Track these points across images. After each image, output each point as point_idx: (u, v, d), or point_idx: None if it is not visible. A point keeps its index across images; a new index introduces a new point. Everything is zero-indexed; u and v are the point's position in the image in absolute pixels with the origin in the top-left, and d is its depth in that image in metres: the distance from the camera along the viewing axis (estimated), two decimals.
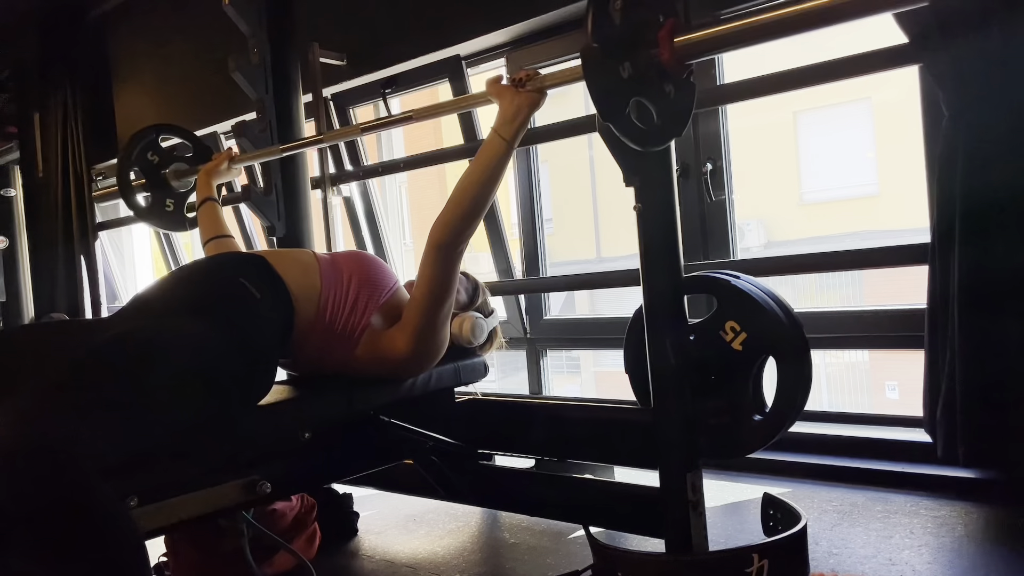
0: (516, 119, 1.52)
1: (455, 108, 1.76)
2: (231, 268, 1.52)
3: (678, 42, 1.30)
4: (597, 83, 1.24)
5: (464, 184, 1.56)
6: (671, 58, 1.31)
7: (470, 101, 1.80)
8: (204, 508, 1.35)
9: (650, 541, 1.65)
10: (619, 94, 1.27)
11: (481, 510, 2.15)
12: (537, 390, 3.04)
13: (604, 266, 7.48)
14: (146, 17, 4.11)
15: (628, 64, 1.27)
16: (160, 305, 1.42)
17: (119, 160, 2.55)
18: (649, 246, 1.40)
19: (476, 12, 2.73)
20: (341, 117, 3.41)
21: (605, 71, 1.25)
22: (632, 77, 1.28)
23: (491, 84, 1.58)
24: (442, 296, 1.59)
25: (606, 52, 1.25)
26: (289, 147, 2.26)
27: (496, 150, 1.53)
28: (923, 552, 1.64)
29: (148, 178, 2.55)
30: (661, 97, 1.34)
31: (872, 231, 7.15)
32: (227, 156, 2.30)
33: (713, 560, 1.38)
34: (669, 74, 1.34)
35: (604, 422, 1.70)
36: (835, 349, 5.80)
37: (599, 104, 1.24)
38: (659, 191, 1.40)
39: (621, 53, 1.27)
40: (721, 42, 1.32)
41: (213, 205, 2.23)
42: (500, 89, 1.55)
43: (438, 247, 1.56)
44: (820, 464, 2.13)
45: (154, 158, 2.55)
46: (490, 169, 1.54)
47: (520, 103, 1.51)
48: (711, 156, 2.43)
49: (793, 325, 1.43)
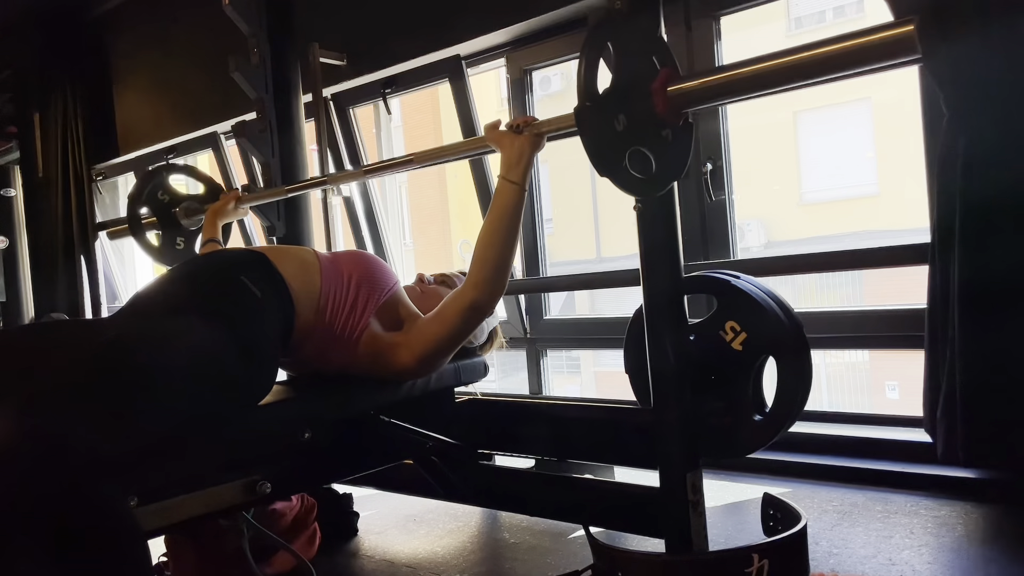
0: (521, 162, 1.52)
1: (456, 153, 1.77)
2: (231, 266, 1.51)
3: (672, 92, 1.29)
4: (592, 140, 1.23)
5: (486, 239, 1.54)
6: (666, 109, 1.30)
7: (470, 146, 1.76)
8: (204, 508, 1.35)
9: (650, 541, 1.65)
10: (615, 148, 1.26)
11: (481, 510, 2.15)
12: (537, 390, 3.04)
13: (604, 266, 7.47)
14: (146, 17, 4.11)
15: (623, 116, 1.26)
16: (160, 304, 1.42)
17: (129, 200, 2.56)
18: (649, 246, 1.40)
19: (476, 12, 2.73)
20: (341, 117, 3.41)
21: (599, 127, 1.24)
22: (627, 128, 1.27)
23: (490, 131, 1.58)
24: (459, 342, 1.60)
25: (599, 108, 1.24)
26: (295, 187, 2.30)
27: (509, 196, 1.52)
28: (923, 552, 1.64)
29: (158, 217, 2.55)
30: (658, 144, 1.32)
31: (872, 231, 7.15)
32: (234, 196, 2.31)
33: (713, 560, 1.38)
34: (666, 122, 1.32)
35: (604, 422, 1.70)
36: (835, 349, 5.79)
37: (595, 160, 1.23)
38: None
39: (615, 107, 1.26)
40: (717, 92, 1.31)
41: (215, 246, 2.25)
42: (499, 136, 1.55)
43: (474, 308, 1.55)
44: (820, 464, 2.13)
45: (164, 197, 2.55)
46: (508, 217, 1.53)
47: (522, 146, 1.51)
48: (711, 156, 2.43)
49: (793, 325, 1.43)
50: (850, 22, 8.41)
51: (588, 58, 1.23)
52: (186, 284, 1.47)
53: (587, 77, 1.23)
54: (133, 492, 1.22)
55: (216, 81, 3.19)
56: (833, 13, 8.61)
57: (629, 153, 1.28)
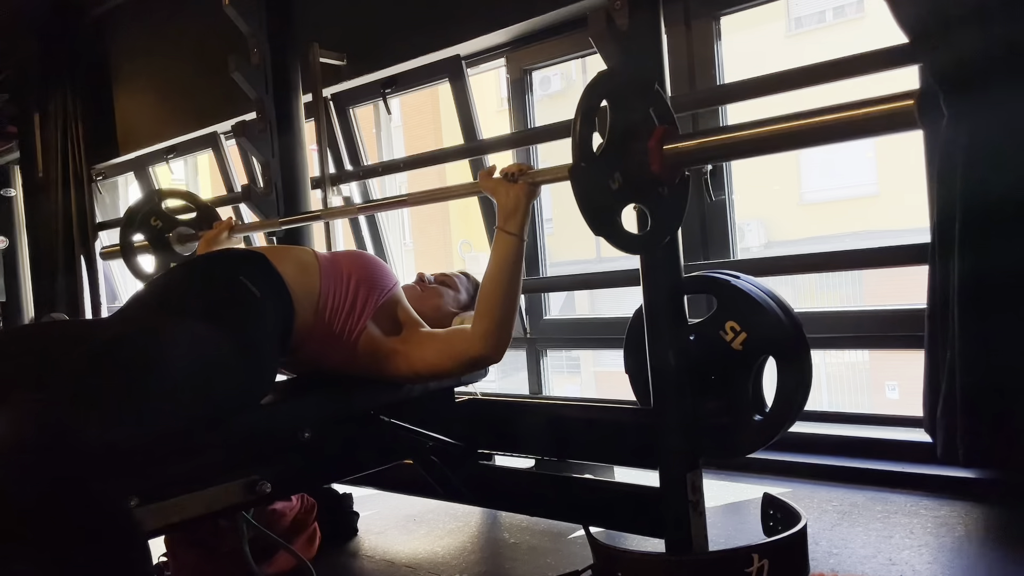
0: (517, 212, 1.51)
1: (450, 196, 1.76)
2: (231, 266, 1.51)
3: (668, 151, 1.28)
4: (586, 200, 1.22)
5: (488, 290, 1.53)
6: (662, 168, 1.29)
7: (464, 190, 1.74)
8: (204, 508, 1.35)
9: (650, 541, 1.64)
10: (610, 205, 1.25)
11: (481, 510, 2.15)
12: (537, 390, 3.04)
13: (604, 266, 7.47)
14: (146, 17, 4.11)
15: (618, 174, 1.25)
16: (160, 304, 1.42)
17: (121, 227, 2.55)
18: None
19: (476, 12, 2.73)
20: (341, 117, 3.41)
21: (594, 185, 1.23)
22: (623, 186, 1.26)
23: (484, 179, 1.57)
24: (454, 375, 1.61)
25: (594, 167, 1.22)
26: (290, 220, 2.31)
27: (509, 247, 1.51)
28: (923, 552, 1.64)
29: (151, 243, 2.54)
30: (654, 200, 1.32)
31: (872, 231, 7.15)
32: (227, 226, 2.31)
33: (713, 560, 1.38)
34: (661, 180, 1.31)
35: (604, 422, 1.70)
36: (835, 349, 5.79)
37: (589, 220, 1.22)
38: None
39: (610, 165, 1.25)
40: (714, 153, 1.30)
41: None
42: (494, 184, 1.54)
43: (476, 360, 1.54)
44: (820, 464, 2.13)
45: (157, 223, 2.54)
46: (509, 268, 1.52)
47: (518, 195, 1.50)
48: None
49: (793, 325, 1.43)
50: (850, 22, 8.41)
51: (583, 116, 1.21)
52: (186, 284, 1.47)
53: (582, 135, 1.21)
54: (133, 492, 1.22)
55: (216, 81, 3.19)
56: (833, 13, 8.61)
57: (624, 210, 1.27)
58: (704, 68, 2.41)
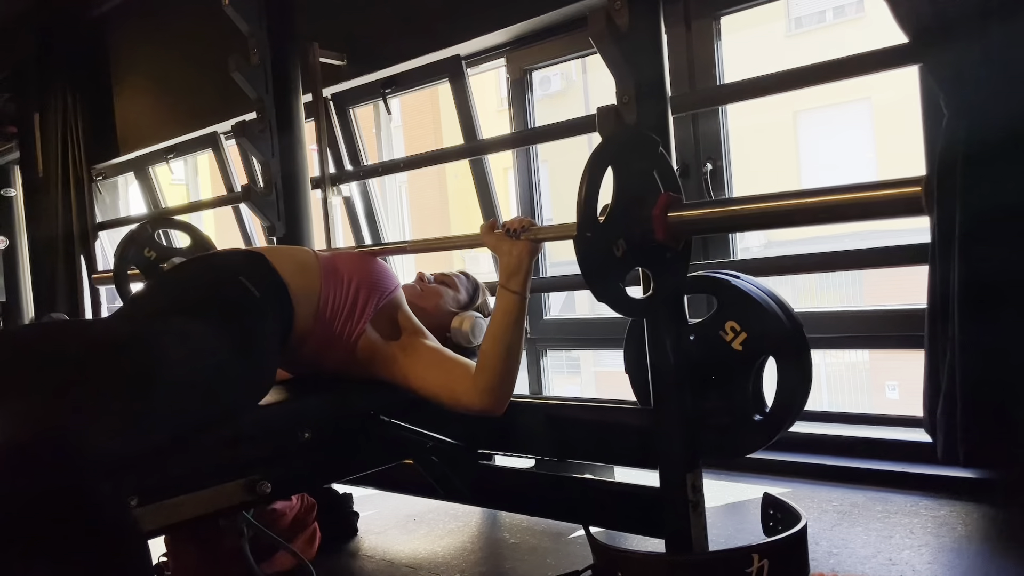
0: (520, 270, 1.51)
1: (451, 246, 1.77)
2: (230, 266, 1.51)
3: (672, 219, 1.30)
4: (590, 268, 1.23)
5: (491, 347, 1.53)
6: (665, 236, 1.30)
7: (464, 241, 1.74)
8: (204, 508, 1.35)
9: (650, 541, 1.65)
10: (613, 273, 1.26)
11: (481, 510, 2.15)
12: (537, 390, 3.04)
13: None
14: (146, 17, 4.11)
15: (622, 241, 1.26)
16: (160, 304, 1.42)
17: (115, 261, 2.56)
18: None
19: (476, 12, 2.73)
20: (341, 117, 3.41)
21: (598, 253, 1.24)
22: (627, 253, 1.27)
23: (486, 234, 1.57)
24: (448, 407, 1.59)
25: (598, 236, 1.23)
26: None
27: (511, 305, 1.52)
28: (923, 552, 1.64)
29: (144, 273, 2.54)
30: (657, 263, 1.34)
31: (872, 231, 7.15)
32: None
33: (713, 560, 1.38)
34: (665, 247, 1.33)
35: (604, 422, 1.70)
36: (835, 349, 5.80)
37: (593, 288, 1.23)
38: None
39: (614, 233, 1.26)
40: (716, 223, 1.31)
41: None
42: (496, 241, 1.54)
43: (474, 412, 1.54)
44: (820, 464, 2.13)
45: (151, 254, 2.55)
46: (511, 325, 1.52)
47: (520, 253, 1.51)
48: (711, 156, 2.43)
49: (793, 325, 1.43)
50: (850, 22, 8.41)
51: (588, 187, 1.22)
52: (185, 284, 1.47)
53: (587, 205, 1.22)
54: (133, 492, 1.22)
55: (216, 81, 3.19)
56: (833, 13, 8.61)
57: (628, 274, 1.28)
58: (704, 68, 2.41)
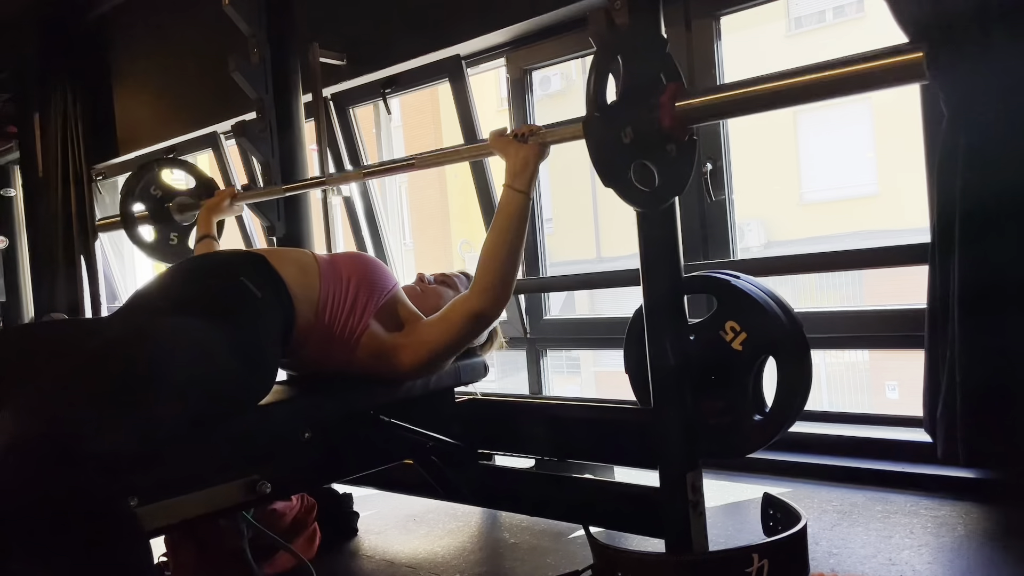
0: (526, 171, 1.53)
1: (459, 158, 1.78)
2: (231, 266, 1.51)
3: (679, 107, 1.30)
4: (599, 150, 1.24)
5: (491, 247, 1.55)
6: (672, 123, 1.31)
7: (474, 152, 1.76)
8: (204, 508, 1.35)
9: (650, 541, 1.65)
10: (621, 159, 1.27)
11: (481, 510, 2.15)
12: (537, 390, 3.04)
13: (604, 266, 7.48)
14: (146, 17, 4.11)
15: (629, 128, 1.27)
16: (160, 304, 1.42)
17: (121, 196, 2.54)
18: (649, 246, 1.40)
19: (476, 12, 2.73)
20: (341, 117, 3.41)
21: (607, 138, 1.25)
22: (634, 141, 1.28)
23: (495, 138, 1.59)
24: (461, 346, 1.62)
25: (607, 119, 1.25)
26: (292, 187, 2.29)
27: (515, 204, 1.53)
28: (923, 552, 1.64)
29: (151, 213, 2.54)
30: (663, 158, 1.34)
31: (872, 231, 7.16)
32: (229, 193, 2.31)
33: (713, 560, 1.38)
34: (671, 137, 1.34)
35: (604, 422, 1.70)
36: (835, 349, 5.80)
37: (601, 170, 1.24)
38: None
39: (622, 119, 1.27)
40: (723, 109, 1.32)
41: (210, 243, 2.24)
42: (504, 143, 1.56)
43: (478, 316, 1.56)
44: (820, 464, 2.13)
45: (157, 192, 2.54)
46: (514, 224, 1.54)
47: (527, 155, 1.52)
48: (711, 156, 2.43)
49: (793, 325, 1.43)
50: (850, 22, 8.41)
51: (598, 69, 1.24)
52: (186, 284, 1.47)
53: (596, 88, 1.24)
54: (133, 492, 1.22)
55: (216, 81, 3.19)
56: (833, 13, 8.62)
57: (634, 166, 1.28)
58: (704, 68, 2.41)
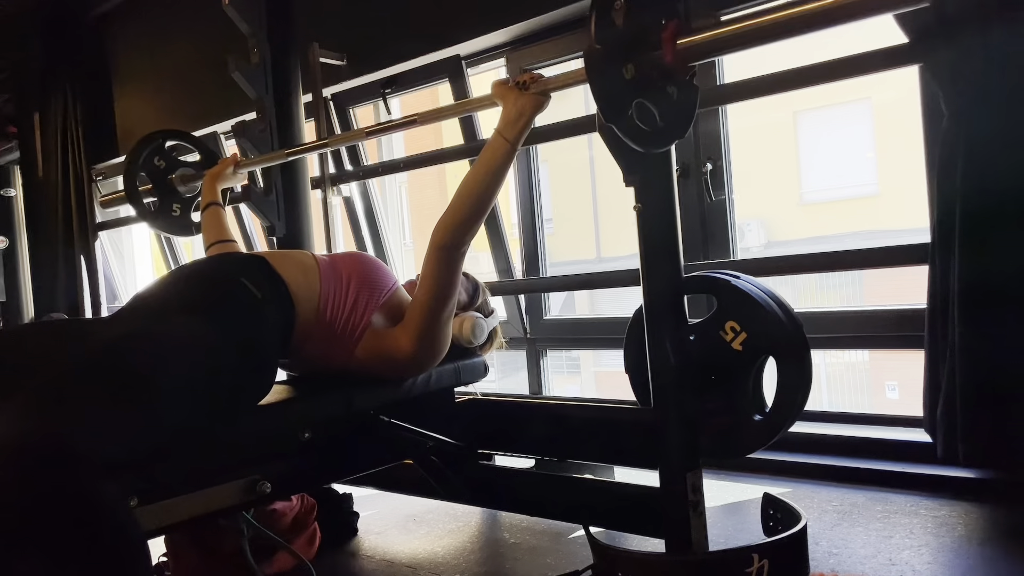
0: (519, 121, 1.52)
1: (459, 111, 1.77)
2: (232, 268, 1.52)
3: (681, 44, 1.30)
4: (600, 84, 1.24)
5: (467, 186, 1.55)
6: (674, 60, 1.30)
7: (474, 104, 1.79)
8: (204, 508, 1.35)
9: (650, 541, 1.65)
10: (622, 95, 1.27)
11: (481, 510, 2.15)
12: (537, 390, 3.04)
13: (604, 266, 7.47)
14: (146, 17, 4.11)
15: (631, 66, 1.27)
16: (161, 305, 1.42)
17: (125, 166, 2.54)
18: (649, 246, 1.40)
19: (476, 12, 2.73)
20: (341, 117, 3.41)
21: (608, 73, 1.25)
22: (635, 79, 1.27)
23: (496, 86, 1.58)
24: (445, 297, 1.60)
25: (609, 54, 1.25)
26: (294, 151, 2.26)
27: (499, 151, 1.53)
28: (923, 552, 1.64)
29: (155, 183, 2.53)
30: (664, 98, 1.33)
31: (872, 231, 7.16)
32: (232, 161, 2.29)
33: (713, 560, 1.37)
34: (672, 76, 1.33)
35: (604, 422, 1.70)
36: (835, 349, 5.80)
37: (602, 105, 1.24)
38: (659, 191, 1.40)
39: (624, 55, 1.26)
40: (723, 44, 1.32)
41: (217, 210, 2.22)
42: (504, 91, 1.55)
43: (441, 248, 1.56)
44: (820, 464, 2.13)
45: (160, 163, 2.53)
46: (493, 171, 1.54)
47: (524, 105, 1.51)
48: (711, 156, 2.43)
49: (793, 325, 1.43)
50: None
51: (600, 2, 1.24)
52: (187, 285, 1.47)
53: (599, 20, 1.24)
54: (133, 492, 1.22)
55: (216, 81, 3.19)
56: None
57: (635, 104, 1.28)
58: (704, 68, 2.40)
